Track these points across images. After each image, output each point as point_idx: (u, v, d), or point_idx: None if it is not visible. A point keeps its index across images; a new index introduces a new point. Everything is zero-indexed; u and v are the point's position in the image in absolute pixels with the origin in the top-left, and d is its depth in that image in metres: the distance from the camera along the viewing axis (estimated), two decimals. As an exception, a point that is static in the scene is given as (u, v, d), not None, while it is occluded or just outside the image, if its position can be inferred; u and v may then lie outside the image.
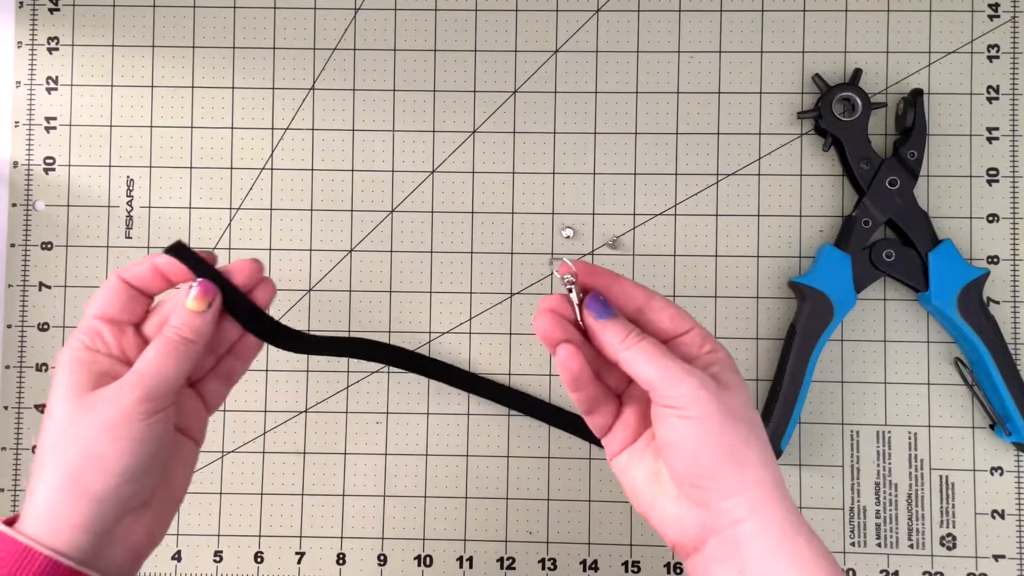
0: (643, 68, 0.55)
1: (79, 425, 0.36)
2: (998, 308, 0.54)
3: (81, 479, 0.35)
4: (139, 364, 0.37)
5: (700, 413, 0.35)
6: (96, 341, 0.38)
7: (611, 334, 0.37)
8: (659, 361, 0.36)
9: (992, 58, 0.55)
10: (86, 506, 0.35)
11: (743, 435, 0.35)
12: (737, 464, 0.35)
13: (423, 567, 0.54)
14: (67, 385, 0.37)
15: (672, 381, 0.35)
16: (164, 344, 0.37)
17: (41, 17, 0.57)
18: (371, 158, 0.56)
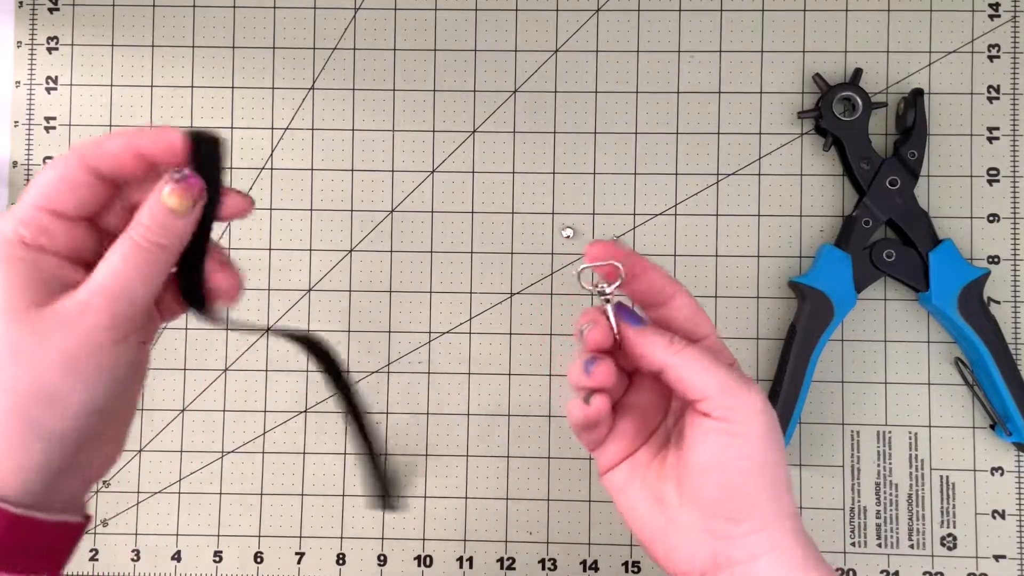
0: (643, 68, 0.55)
1: (27, 352, 0.29)
2: (999, 308, 0.53)
3: (32, 418, 0.29)
4: (103, 278, 0.29)
5: (749, 430, 0.32)
6: (39, 235, 0.30)
7: (653, 342, 0.34)
8: (714, 368, 0.33)
9: (993, 58, 0.55)
10: (37, 448, 0.29)
11: (779, 462, 0.33)
12: (774, 495, 0.32)
13: (423, 567, 0.54)
14: (10, 295, 0.29)
15: (730, 391, 0.32)
16: (133, 251, 0.30)
17: (41, 17, 0.57)
18: (371, 158, 0.56)
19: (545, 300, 0.55)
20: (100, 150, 0.30)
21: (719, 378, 0.33)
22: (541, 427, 0.54)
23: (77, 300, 0.29)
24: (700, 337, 0.35)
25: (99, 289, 0.29)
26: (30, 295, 0.29)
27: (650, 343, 0.34)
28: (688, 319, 0.36)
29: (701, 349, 0.34)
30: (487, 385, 0.54)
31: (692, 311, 0.36)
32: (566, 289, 0.55)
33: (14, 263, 0.29)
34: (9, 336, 0.29)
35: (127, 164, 0.30)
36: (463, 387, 0.54)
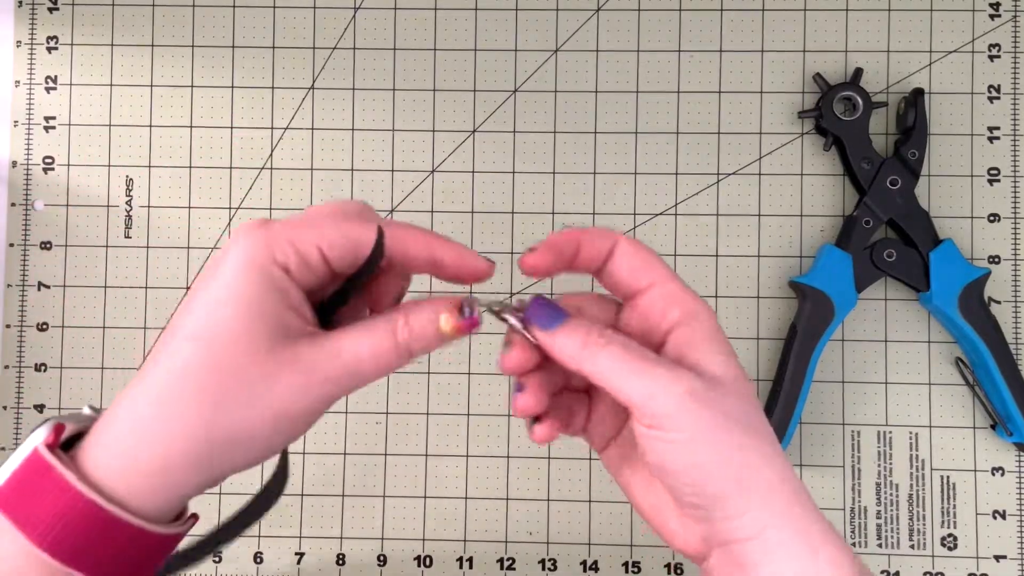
0: (643, 67, 0.55)
1: (252, 392, 0.27)
2: (999, 308, 0.53)
3: (211, 457, 0.27)
4: (351, 356, 0.29)
5: (690, 433, 0.29)
6: (300, 270, 0.28)
7: (562, 345, 0.30)
8: (632, 367, 0.29)
9: (993, 57, 0.54)
10: (203, 480, 0.28)
11: (745, 444, 0.29)
12: (742, 482, 0.29)
13: (423, 567, 0.54)
14: (258, 318, 0.27)
15: (653, 397, 0.29)
16: (383, 342, 0.29)
17: (40, 16, 0.57)
18: (371, 158, 0.56)
19: (545, 300, 0.54)
20: (402, 238, 0.30)
21: (636, 379, 0.29)
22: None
23: (311, 357, 0.28)
24: (644, 288, 0.31)
25: (344, 365, 0.28)
26: (271, 329, 0.28)
27: (560, 347, 0.30)
28: (631, 272, 0.31)
29: (621, 344, 0.30)
30: (487, 385, 0.54)
31: (633, 263, 0.31)
32: (566, 289, 0.54)
33: (268, 285, 0.28)
34: (237, 371, 0.27)
35: (417, 263, 0.30)
36: (463, 387, 0.54)
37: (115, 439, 0.28)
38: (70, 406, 0.55)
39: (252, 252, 0.28)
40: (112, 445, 0.28)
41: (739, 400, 0.30)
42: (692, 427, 0.29)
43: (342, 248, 0.29)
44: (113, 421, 0.28)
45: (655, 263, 0.32)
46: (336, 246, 0.29)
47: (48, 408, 0.55)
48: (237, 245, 0.28)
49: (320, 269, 0.29)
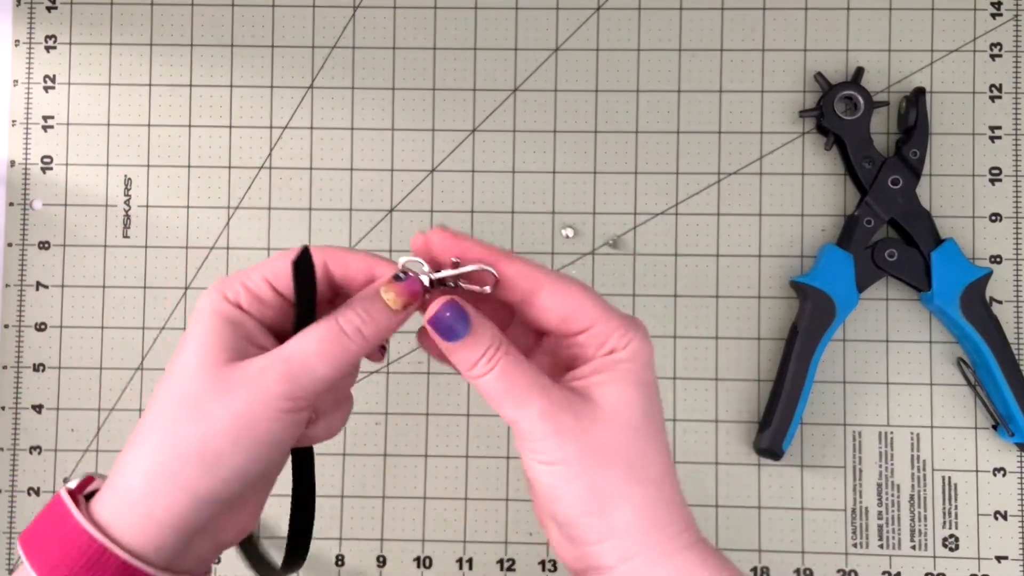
0: (644, 66, 0.55)
1: (202, 409, 0.29)
2: (1001, 308, 0.53)
3: (185, 478, 0.29)
4: (289, 348, 0.30)
5: (554, 459, 0.30)
6: (253, 304, 0.31)
7: (456, 360, 0.31)
8: (510, 398, 0.30)
9: (995, 56, 0.54)
10: (182, 508, 0.29)
11: (612, 477, 0.29)
12: (599, 511, 0.29)
13: (422, 568, 0.53)
14: (208, 346, 0.30)
15: (521, 425, 0.30)
16: (328, 330, 0.30)
17: (39, 15, 0.56)
18: (370, 157, 0.55)
19: (545, 300, 0.54)
20: (343, 260, 0.32)
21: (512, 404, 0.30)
22: (541, 427, 0.54)
23: (258, 365, 0.30)
24: (577, 332, 0.31)
25: (280, 358, 0.30)
26: (223, 353, 0.30)
27: (455, 360, 0.31)
28: (564, 320, 0.31)
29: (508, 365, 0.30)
30: (487, 385, 0.54)
31: (564, 308, 0.31)
32: (566, 289, 0.54)
33: (219, 320, 0.30)
34: (190, 390, 0.30)
35: (356, 283, 0.32)
36: (463, 387, 0.54)
37: (113, 480, 0.31)
38: (69, 406, 0.55)
39: (206, 299, 0.31)
40: (111, 486, 0.30)
41: (615, 432, 0.30)
42: (551, 454, 0.30)
43: (288, 275, 0.31)
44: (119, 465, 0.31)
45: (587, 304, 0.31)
46: (282, 274, 0.31)
47: (47, 408, 0.55)
48: (198, 303, 0.32)
49: (274, 300, 0.32)
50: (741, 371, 0.54)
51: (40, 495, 0.54)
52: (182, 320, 0.55)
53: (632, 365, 0.31)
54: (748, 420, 0.53)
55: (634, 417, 0.30)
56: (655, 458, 0.30)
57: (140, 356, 0.55)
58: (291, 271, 0.31)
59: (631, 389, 0.30)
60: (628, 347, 0.31)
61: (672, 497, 0.31)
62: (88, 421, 0.55)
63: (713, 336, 0.54)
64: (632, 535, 0.29)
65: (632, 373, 0.31)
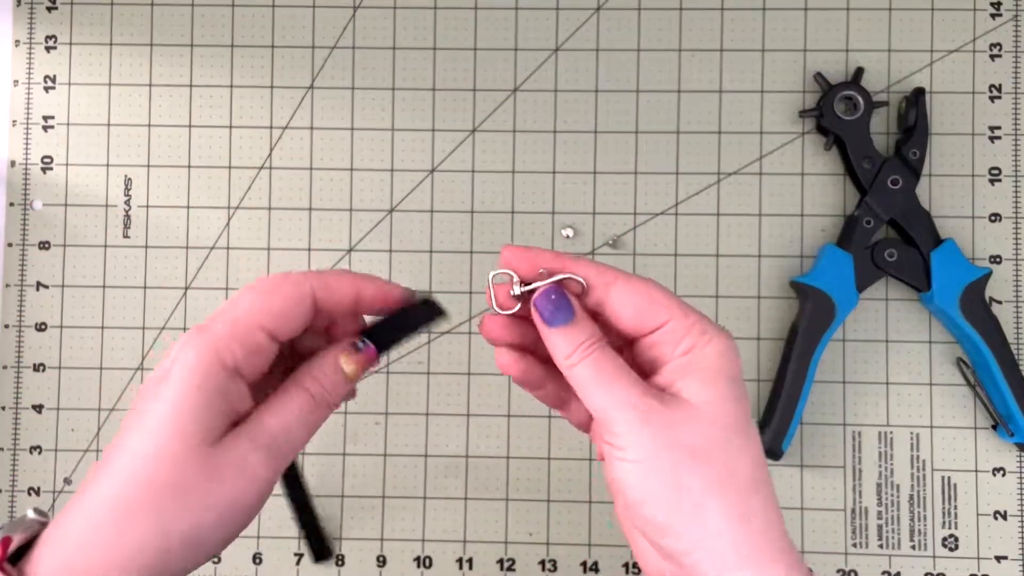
0: (644, 66, 0.55)
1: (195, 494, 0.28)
2: (1000, 308, 0.53)
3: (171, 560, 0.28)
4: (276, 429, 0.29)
5: (642, 455, 0.28)
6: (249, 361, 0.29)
7: (555, 346, 0.30)
8: (599, 379, 0.29)
9: (994, 57, 0.54)
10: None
11: (703, 478, 0.28)
12: (692, 513, 0.28)
13: (422, 568, 0.53)
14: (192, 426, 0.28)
15: (609, 414, 0.29)
16: (307, 405, 0.30)
17: (39, 15, 0.56)
18: (370, 157, 0.55)
19: (545, 300, 0.54)
20: (327, 284, 0.31)
21: (600, 396, 0.29)
22: (541, 427, 0.54)
23: (246, 445, 0.29)
24: (653, 328, 0.31)
25: (271, 440, 0.29)
26: (209, 433, 0.28)
27: (552, 345, 0.30)
28: (636, 314, 0.31)
29: (600, 358, 0.29)
30: (487, 386, 0.54)
31: (635, 306, 0.30)
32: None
33: (209, 392, 0.28)
34: (184, 477, 0.28)
35: (343, 304, 0.31)
36: (463, 387, 0.54)
37: (65, 553, 0.28)
38: (69, 406, 0.55)
39: (196, 362, 0.29)
40: (63, 559, 0.28)
41: (707, 430, 0.29)
42: (639, 449, 0.28)
43: (283, 317, 0.30)
44: (63, 535, 0.28)
45: (661, 299, 0.30)
46: (276, 314, 0.30)
47: (47, 408, 0.55)
48: (183, 356, 0.29)
49: (269, 348, 0.30)
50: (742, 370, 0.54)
51: (40, 495, 0.54)
52: (182, 320, 0.55)
53: (718, 361, 0.29)
54: (748, 420, 0.53)
55: (723, 415, 0.29)
56: (750, 462, 0.29)
57: (140, 356, 0.55)
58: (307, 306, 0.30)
59: (722, 387, 0.29)
60: (711, 344, 0.30)
61: (770, 510, 0.29)
62: (88, 421, 0.55)
63: (713, 336, 0.54)
64: (729, 544, 0.28)
65: (719, 369, 0.29)
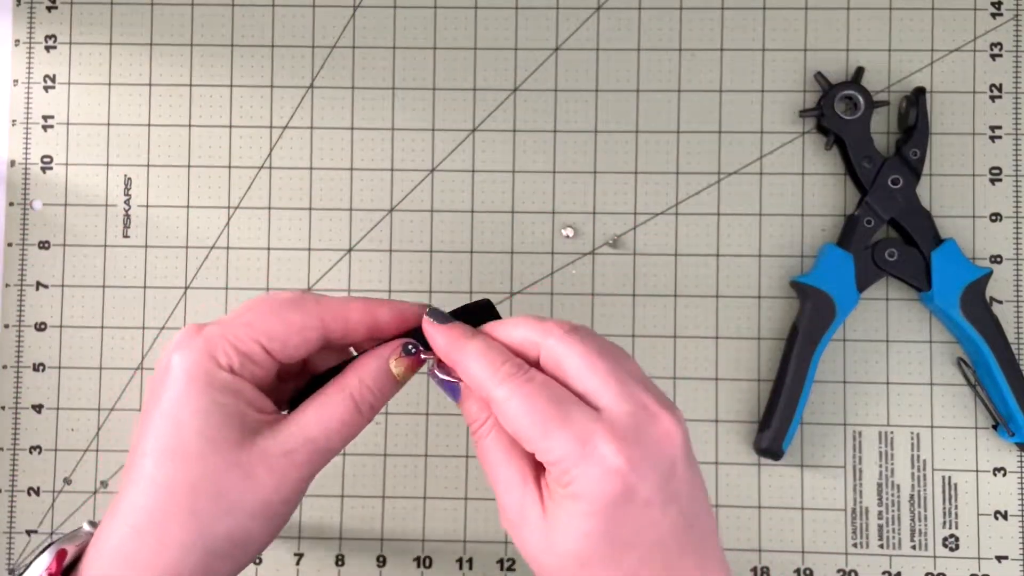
0: (644, 66, 0.55)
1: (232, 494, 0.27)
2: (1001, 308, 0.53)
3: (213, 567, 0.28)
4: (312, 429, 0.29)
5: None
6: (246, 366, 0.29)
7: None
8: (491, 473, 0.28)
9: (995, 56, 0.54)
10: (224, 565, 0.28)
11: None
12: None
13: (422, 568, 0.53)
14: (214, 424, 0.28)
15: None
16: (348, 413, 0.29)
17: (39, 15, 0.56)
18: (370, 157, 0.55)
19: (545, 300, 0.54)
20: (341, 315, 0.30)
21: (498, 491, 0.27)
22: (541, 427, 0.54)
23: (284, 447, 0.28)
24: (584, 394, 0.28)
25: (309, 441, 0.29)
26: (234, 430, 0.28)
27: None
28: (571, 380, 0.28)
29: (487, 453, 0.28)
30: (487, 385, 0.54)
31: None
32: (566, 289, 0.54)
33: (217, 391, 0.28)
34: (215, 476, 0.27)
35: (358, 333, 0.31)
36: (463, 387, 0.54)
37: (110, 562, 0.28)
38: (69, 406, 0.55)
39: (193, 361, 0.28)
40: (108, 569, 0.28)
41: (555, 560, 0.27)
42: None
43: (283, 339, 0.29)
44: (106, 545, 0.28)
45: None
46: (276, 338, 0.29)
47: (47, 408, 0.55)
48: (179, 355, 0.29)
49: (266, 361, 0.30)
50: (741, 371, 0.54)
51: (40, 495, 0.54)
52: (182, 320, 0.55)
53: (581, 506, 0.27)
54: (748, 420, 0.53)
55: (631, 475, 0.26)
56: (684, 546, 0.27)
57: (140, 356, 0.55)
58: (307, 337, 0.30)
59: (581, 523, 0.27)
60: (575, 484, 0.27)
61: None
62: (88, 421, 0.55)
63: (713, 336, 0.54)
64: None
65: (582, 513, 0.27)
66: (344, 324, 0.30)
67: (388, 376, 0.30)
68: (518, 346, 0.29)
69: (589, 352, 0.27)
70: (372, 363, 0.30)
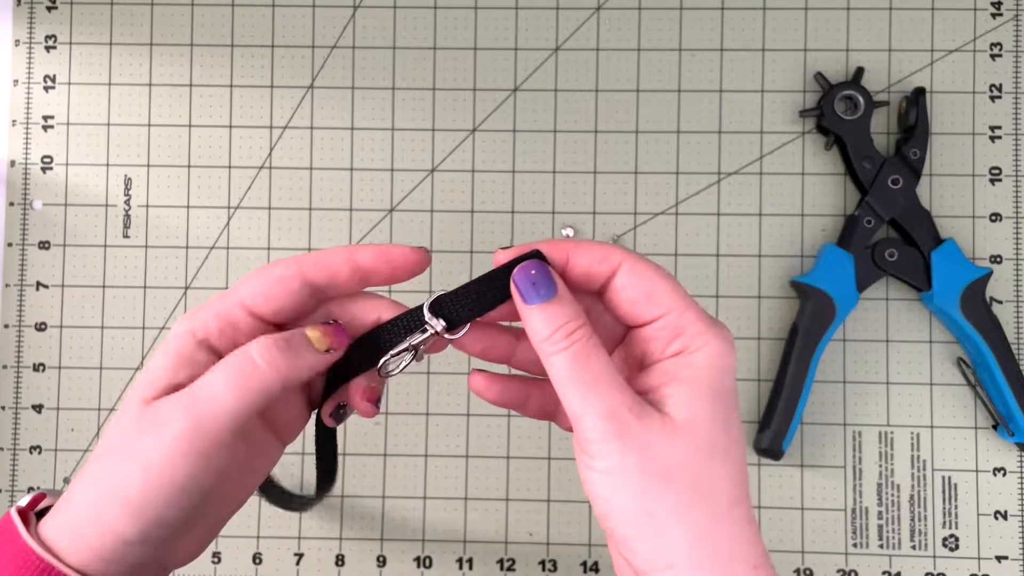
0: (644, 66, 0.55)
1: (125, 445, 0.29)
2: (1001, 308, 0.53)
3: (109, 514, 0.29)
4: (198, 382, 0.29)
5: (610, 469, 0.27)
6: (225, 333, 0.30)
7: (533, 326, 0.28)
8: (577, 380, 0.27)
9: (995, 56, 0.54)
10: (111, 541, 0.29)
11: (671, 503, 0.26)
12: (655, 534, 0.27)
13: (423, 568, 0.53)
14: (145, 382, 0.29)
15: (582, 420, 0.27)
16: (239, 362, 0.29)
17: (39, 15, 0.56)
18: (370, 157, 0.55)
19: (545, 300, 0.54)
20: (317, 260, 0.30)
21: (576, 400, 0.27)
22: (541, 428, 0.54)
23: (167, 402, 0.29)
24: (649, 320, 0.29)
25: (187, 391, 0.29)
26: (152, 389, 0.29)
27: (530, 326, 0.28)
28: (634, 302, 0.29)
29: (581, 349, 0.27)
30: (487, 385, 0.54)
31: (638, 290, 0.29)
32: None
33: (172, 358, 0.29)
34: (119, 427, 0.29)
35: (342, 276, 0.30)
36: (463, 387, 0.54)
37: (62, 502, 0.30)
38: (69, 406, 0.55)
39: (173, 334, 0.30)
40: (61, 508, 0.30)
41: (683, 452, 0.27)
42: (609, 462, 0.27)
43: (264, 293, 0.30)
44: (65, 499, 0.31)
45: (665, 288, 0.29)
46: (257, 292, 0.30)
47: (47, 408, 0.55)
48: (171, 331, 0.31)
49: (249, 325, 0.30)
50: (741, 371, 0.54)
51: (40, 495, 0.54)
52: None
53: (708, 372, 0.28)
54: (748, 420, 0.53)
55: (705, 434, 0.27)
56: (724, 483, 0.27)
57: (140, 356, 0.55)
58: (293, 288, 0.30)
59: (705, 401, 0.27)
60: (704, 350, 0.28)
61: (741, 529, 0.27)
62: (88, 421, 0.55)
63: (713, 336, 0.54)
64: (690, 568, 0.26)
65: (707, 381, 0.28)
66: (326, 270, 0.30)
67: (301, 336, 0.30)
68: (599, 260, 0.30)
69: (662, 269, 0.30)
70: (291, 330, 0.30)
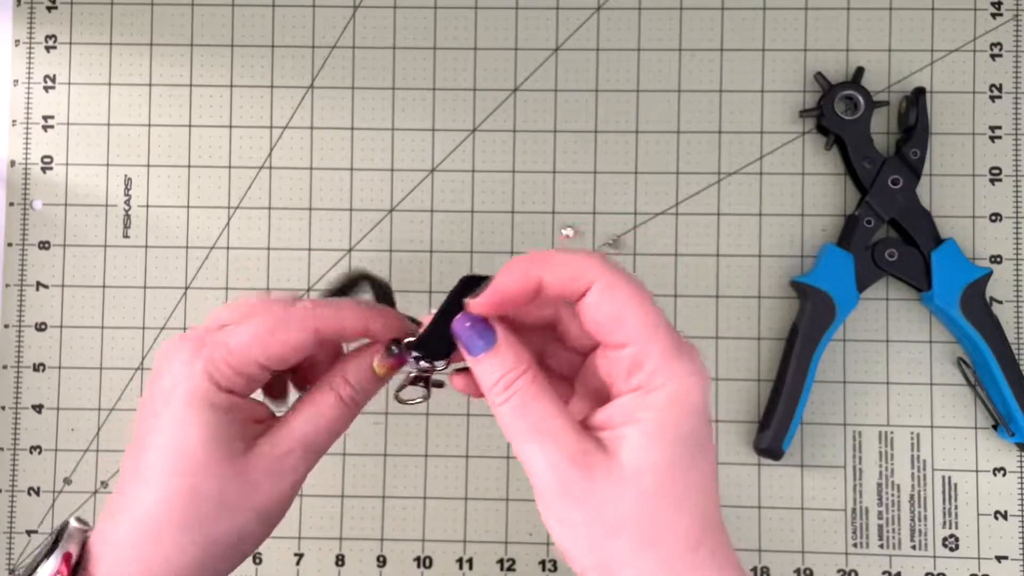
0: (644, 66, 0.55)
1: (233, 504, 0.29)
2: (1001, 308, 0.53)
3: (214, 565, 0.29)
4: (305, 430, 0.30)
5: (565, 518, 0.27)
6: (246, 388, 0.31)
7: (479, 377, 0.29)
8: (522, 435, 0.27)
9: (995, 56, 0.54)
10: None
11: (621, 548, 0.26)
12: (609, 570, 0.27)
13: (423, 568, 0.53)
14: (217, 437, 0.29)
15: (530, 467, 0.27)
16: (336, 407, 0.31)
17: (39, 15, 0.56)
18: (370, 157, 0.55)
19: (545, 300, 0.54)
20: (336, 326, 0.31)
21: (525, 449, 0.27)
22: (541, 427, 0.54)
23: (279, 450, 0.30)
24: (616, 344, 0.27)
25: (301, 440, 0.30)
26: (235, 442, 0.30)
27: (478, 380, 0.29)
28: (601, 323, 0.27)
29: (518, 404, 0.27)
30: (487, 385, 0.54)
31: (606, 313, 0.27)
32: (566, 289, 0.54)
33: (221, 410, 0.30)
34: (218, 484, 0.29)
35: (347, 336, 0.32)
36: (463, 387, 0.54)
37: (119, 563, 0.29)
38: (69, 406, 0.55)
39: (195, 386, 0.30)
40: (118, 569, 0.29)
41: (632, 500, 0.26)
42: (556, 513, 0.28)
43: (280, 356, 0.31)
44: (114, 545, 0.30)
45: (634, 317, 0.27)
46: (273, 357, 0.30)
47: (47, 408, 0.55)
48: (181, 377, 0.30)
49: (263, 375, 0.31)
50: (741, 371, 0.54)
51: (40, 495, 0.54)
52: (182, 320, 0.55)
53: (667, 414, 0.26)
54: (748, 420, 0.53)
55: (654, 482, 0.26)
56: (677, 528, 0.26)
57: (140, 356, 0.55)
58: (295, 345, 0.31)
59: (658, 447, 0.26)
60: (664, 390, 0.26)
61: (704, 571, 0.27)
62: (88, 421, 0.55)
63: (713, 336, 0.54)
64: None
65: (666, 425, 0.26)
66: (338, 333, 0.32)
67: (370, 373, 0.32)
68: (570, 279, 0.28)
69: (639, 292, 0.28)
70: (356, 360, 0.32)
